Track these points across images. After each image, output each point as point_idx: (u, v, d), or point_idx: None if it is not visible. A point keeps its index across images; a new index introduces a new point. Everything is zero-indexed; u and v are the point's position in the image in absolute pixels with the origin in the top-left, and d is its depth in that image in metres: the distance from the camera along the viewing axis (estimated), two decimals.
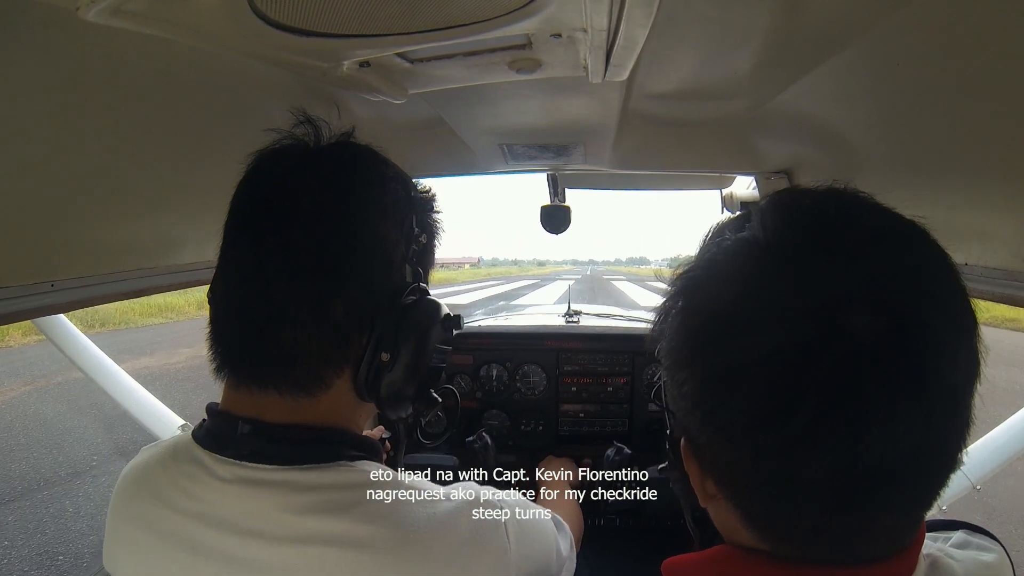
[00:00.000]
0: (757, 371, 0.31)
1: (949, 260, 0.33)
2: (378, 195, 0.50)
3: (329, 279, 0.46)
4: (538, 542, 0.52)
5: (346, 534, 0.43)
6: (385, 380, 0.49)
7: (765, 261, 0.33)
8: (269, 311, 0.46)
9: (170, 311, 9.91)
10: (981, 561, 0.40)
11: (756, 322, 0.32)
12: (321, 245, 0.46)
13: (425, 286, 0.53)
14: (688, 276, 0.38)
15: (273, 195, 0.48)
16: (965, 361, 0.31)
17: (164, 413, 1.86)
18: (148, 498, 0.47)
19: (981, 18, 0.51)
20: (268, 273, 0.46)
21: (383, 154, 0.54)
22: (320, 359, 0.47)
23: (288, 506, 0.44)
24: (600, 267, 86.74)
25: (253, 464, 0.46)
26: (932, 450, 0.31)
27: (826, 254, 0.32)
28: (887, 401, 0.29)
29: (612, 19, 0.51)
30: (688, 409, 0.36)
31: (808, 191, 0.37)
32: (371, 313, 0.48)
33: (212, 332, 0.49)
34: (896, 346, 0.29)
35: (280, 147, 0.51)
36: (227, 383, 0.49)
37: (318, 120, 0.52)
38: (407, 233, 0.51)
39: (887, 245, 0.33)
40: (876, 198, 0.36)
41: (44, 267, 0.69)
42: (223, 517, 0.44)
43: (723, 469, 0.36)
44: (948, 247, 0.34)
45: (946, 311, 0.31)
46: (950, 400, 0.31)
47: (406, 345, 0.49)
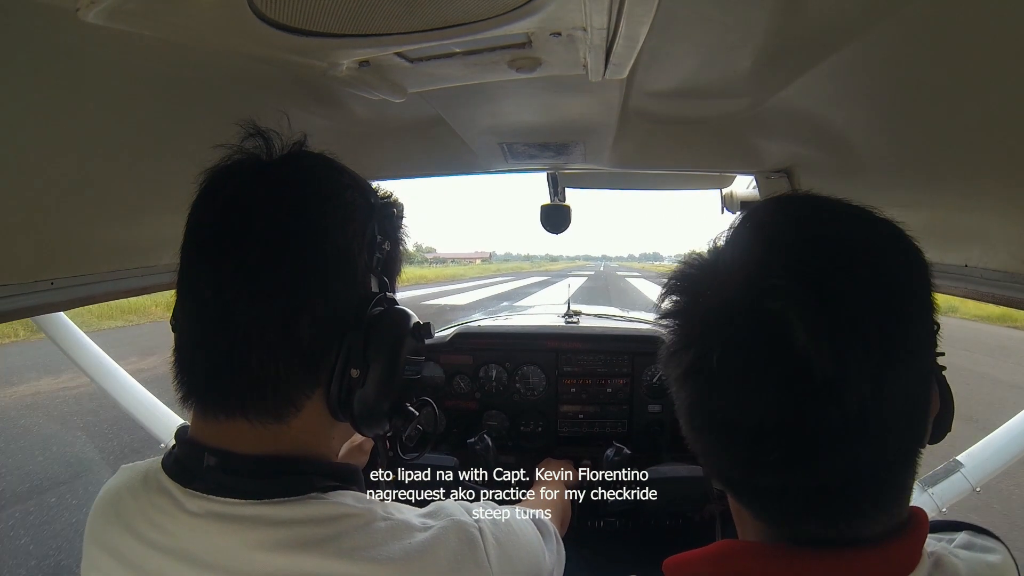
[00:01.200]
0: (724, 360, 0.35)
1: (901, 243, 0.37)
2: (335, 206, 0.48)
3: (292, 298, 0.45)
4: (522, 559, 0.51)
5: (319, 571, 0.42)
6: (357, 397, 0.47)
7: (725, 270, 0.38)
8: (233, 337, 0.44)
9: (133, 313, 9.11)
10: (986, 562, 0.40)
11: (732, 312, 0.35)
12: (280, 264, 0.44)
13: (392, 295, 0.52)
14: (681, 273, 0.42)
15: (226, 215, 0.46)
16: (896, 313, 0.34)
17: (164, 413, 1.86)
18: (119, 526, 0.46)
19: (981, 18, 0.51)
20: (228, 297, 0.44)
21: (337, 160, 0.52)
22: (289, 382, 0.45)
23: (258, 543, 0.42)
24: (613, 263, 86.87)
25: (221, 499, 0.44)
26: (887, 400, 0.33)
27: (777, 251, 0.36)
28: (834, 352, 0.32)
29: (612, 18, 0.51)
30: (676, 398, 0.40)
31: (773, 202, 0.41)
32: (338, 329, 0.47)
33: (177, 361, 0.47)
34: (819, 309, 0.33)
35: (231, 163, 0.49)
36: (194, 411, 0.47)
37: (268, 131, 0.49)
38: (369, 242, 0.49)
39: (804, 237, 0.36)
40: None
41: (44, 265, 0.69)
42: (192, 552, 0.43)
43: (710, 459, 0.39)
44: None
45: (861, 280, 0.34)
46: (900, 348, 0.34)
47: (376, 359, 0.48)
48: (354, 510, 0.45)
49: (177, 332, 0.48)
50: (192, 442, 0.47)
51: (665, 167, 1.39)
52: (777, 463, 0.34)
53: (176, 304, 0.48)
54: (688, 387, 0.38)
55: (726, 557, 0.39)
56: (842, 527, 0.36)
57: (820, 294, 0.33)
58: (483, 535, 0.47)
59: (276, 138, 0.50)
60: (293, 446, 0.47)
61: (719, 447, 0.38)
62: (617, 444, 1.15)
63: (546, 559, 0.56)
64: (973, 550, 0.42)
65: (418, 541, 0.45)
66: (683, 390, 0.38)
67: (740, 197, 1.50)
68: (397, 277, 0.55)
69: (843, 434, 0.32)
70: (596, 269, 45.65)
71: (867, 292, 0.34)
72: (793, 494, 0.36)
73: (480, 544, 0.47)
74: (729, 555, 0.39)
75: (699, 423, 0.38)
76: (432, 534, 0.46)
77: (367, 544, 0.43)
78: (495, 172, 1.39)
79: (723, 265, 0.38)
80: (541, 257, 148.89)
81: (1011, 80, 0.53)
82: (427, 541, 0.45)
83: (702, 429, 0.38)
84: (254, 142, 0.49)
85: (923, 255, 0.37)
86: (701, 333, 0.37)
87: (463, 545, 0.46)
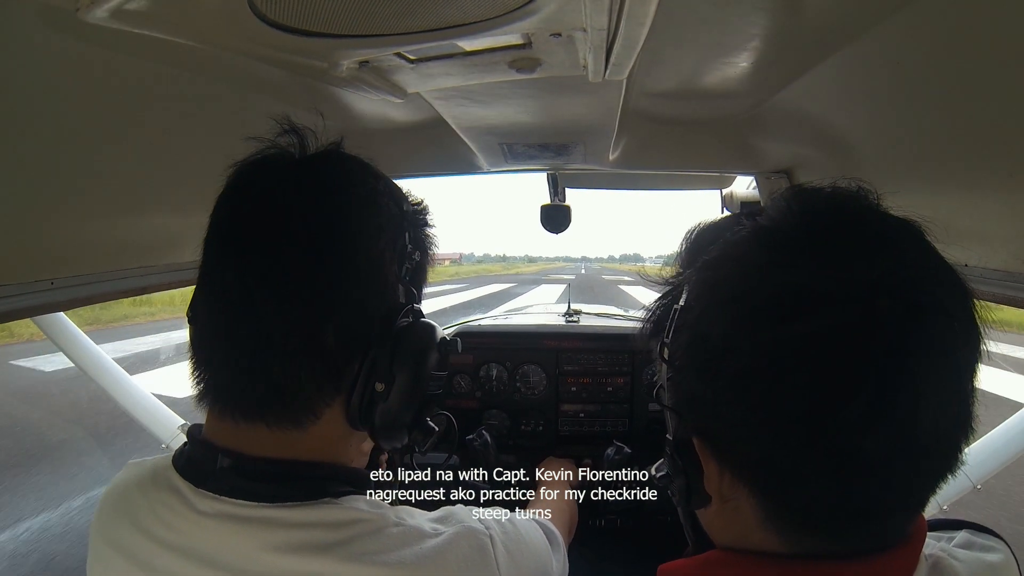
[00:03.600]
0: (807, 357, 0.31)
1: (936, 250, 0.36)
2: (372, 214, 0.47)
3: (321, 305, 0.44)
4: (531, 567, 0.51)
5: (328, 574, 0.42)
6: (380, 410, 0.47)
7: (793, 247, 0.34)
8: (257, 340, 0.43)
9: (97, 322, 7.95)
10: (986, 562, 0.39)
11: (796, 307, 0.32)
12: (312, 270, 0.44)
13: (419, 307, 0.51)
14: (704, 272, 0.38)
15: (258, 214, 0.45)
16: (975, 340, 0.34)
17: (164, 413, 1.86)
18: (127, 522, 0.46)
19: (981, 18, 0.51)
20: (255, 299, 0.43)
21: (373, 164, 0.51)
22: (311, 389, 0.45)
23: (270, 544, 0.42)
24: (593, 264, 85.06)
25: (234, 500, 0.44)
26: (956, 420, 0.33)
27: (857, 243, 0.33)
28: (924, 377, 0.31)
29: (612, 18, 0.51)
30: (718, 404, 0.35)
31: (820, 188, 0.38)
32: (364, 339, 0.46)
33: (195, 355, 0.46)
34: (923, 328, 0.31)
35: (263, 158, 0.47)
36: (210, 411, 0.47)
37: (303, 129, 0.48)
38: (400, 252, 0.48)
39: (906, 237, 0.35)
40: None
41: (44, 265, 0.69)
42: (202, 552, 0.43)
43: (756, 462, 0.35)
44: (948, 248, 0.35)
45: (955, 295, 0.34)
46: (967, 372, 0.33)
47: (401, 374, 0.47)
48: (366, 515, 0.45)
49: (196, 326, 0.47)
50: (206, 442, 0.47)
51: (665, 167, 1.39)
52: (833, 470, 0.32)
53: (196, 297, 0.47)
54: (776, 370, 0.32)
55: (722, 566, 0.38)
56: (856, 541, 0.34)
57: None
58: (494, 543, 0.47)
59: (311, 136, 0.48)
60: (309, 452, 0.46)
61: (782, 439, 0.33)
62: (618, 443, 1.15)
63: (554, 568, 0.56)
64: (973, 549, 0.40)
65: (429, 547, 0.44)
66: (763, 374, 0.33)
67: (740, 197, 1.50)
68: (424, 287, 0.55)
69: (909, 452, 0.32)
70: (577, 272, 42.57)
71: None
72: (834, 511, 0.34)
73: (491, 551, 0.46)
74: (725, 563, 0.38)
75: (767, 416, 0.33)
76: (443, 540, 0.45)
77: (378, 549, 0.43)
78: (495, 172, 1.39)
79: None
80: (519, 258, 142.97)
81: (1011, 80, 0.53)
82: (438, 547, 0.45)
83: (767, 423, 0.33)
84: (288, 139, 0.48)
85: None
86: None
87: (474, 552, 0.46)
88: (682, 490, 0.41)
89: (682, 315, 0.40)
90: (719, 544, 0.40)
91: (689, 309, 0.39)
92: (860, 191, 0.37)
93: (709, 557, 0.39)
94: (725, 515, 0.38)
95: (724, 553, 0.38)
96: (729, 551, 0.38)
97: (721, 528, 0.40)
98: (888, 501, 0.33)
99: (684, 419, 0.40)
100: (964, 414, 0.34)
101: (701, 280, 0.39)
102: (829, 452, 0.32)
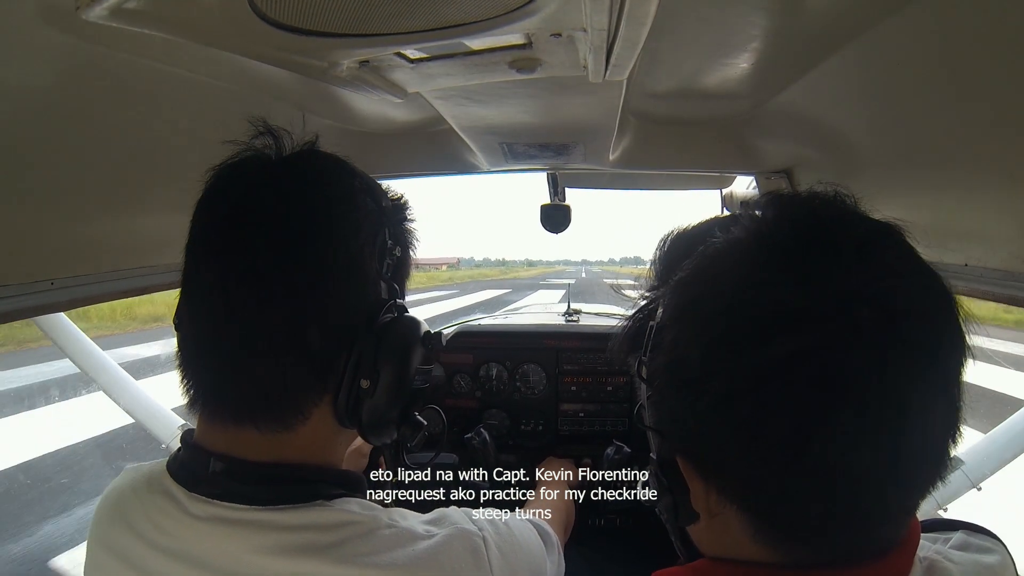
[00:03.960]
0: (788, 378, 0.31)
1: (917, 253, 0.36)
2: (348, 210, 0.47)
3: (302, 305, 0.44)
4: (524, 569, 0.51)
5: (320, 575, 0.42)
6: (366, 406, 0.47)
7: (767, 261, 0.34)
8: (241, 342, 0.43)
9: (12, 342, 6.44)
10: (982, 563, 0.39)
11: (775, 327, 0.32)
12: (291, 269, 0.44)
13: (402, 302, 0.51)
14: (679, 290, 0.38)
15: (236, 216, 0.45)
16: (959, 342, 0.34)
17: (164, 414, 1.86)
18: (122, 527, 0.46)
19: (981, 19, 0.51)
20: (236, 302, 0.43)
21: (349, 162, 0.51)
22: (297, 390, 0.45)
23: (262, 547, 0.42)
24: (594, 267, 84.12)
25: (226, 503, 0.44)
26: (943, 425, 0.33)
27: (833, 252, 0.33)
28: (908, 385, 0.31)
29: (612, 18, 0.51)
30: (700, 425, 0.35)
31: (796, 195, 0.38)
32: (347, 336, 0.46)
33: (182, 361, 0.46)
34: (904, 335, 0.31)
35: (240, 160, 0.48)
36: (201, 415, 0.47)
37: (279, 130, 0.48)
38: (380, 247, 0.49)
39: (884, 242, 0.34)
40: (875, 198, 0.37)
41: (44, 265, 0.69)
42: (196, 555, 0.43)
43: (742, 481, 0.35)
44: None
45: (936, 299, 0.33)
46: (952, 375, 0.33)
47: (386, 369, 0.47)
48: (358, 517, 0.45)
49: (181, 332, 0.47)
50: (198, 447, 0.47)
51: (665, 168, 1.39)
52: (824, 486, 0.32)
53: (180, 303, 0.47)
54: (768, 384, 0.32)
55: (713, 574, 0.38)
56: (848, 550, 0.34)
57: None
58: (487, 544, 0.47)
59: (287, 137, 0.49)
60: (300, 453, 0.46)
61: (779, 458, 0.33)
62: (618, 443, 1.15)
63: (548, 569, 0.56)
64: (969, 551, 0.40)
65: (421, 548, 0.44)
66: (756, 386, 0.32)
67: (740, 197, 1.51)
68: (407, 282, 0.55)
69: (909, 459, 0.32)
70: (577, 275, 41.50)
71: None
72: (824, 524, 0.33)
73: (483, 554, 0.46)
74: (716, 573, 0.38)
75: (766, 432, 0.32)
76: (436, 542, 0.45)
77: (370, 551, 0.43)
78: (495, 172, 1.39)
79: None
80: (519, 262, 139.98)
81: (1011, 80, 0.53)
82: (431, 548, 0.45)
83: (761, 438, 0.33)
84: (264, 140, 0.48)
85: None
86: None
87: (466, 553, 0.46)
88: (669, 508, 0.40)
89: (658, 334, 0.39)
90: (710, 556, 0.40)
91: (666, 329, 0.38)
92: (837, 196, 0.37)
93: (699, 566, 0.39)
94: (714, 529, 0.38)
95: (715, 563, 0.38)
96: (720, 561, 0.38)
97: (711, 542, 0.40)
98: (877, 511, 0.33)
99: (667, 439, 0.40)
100: (951, 418, 0.33)
101: (676, 300, 0.38)
102: (815, 469, 0.31)
